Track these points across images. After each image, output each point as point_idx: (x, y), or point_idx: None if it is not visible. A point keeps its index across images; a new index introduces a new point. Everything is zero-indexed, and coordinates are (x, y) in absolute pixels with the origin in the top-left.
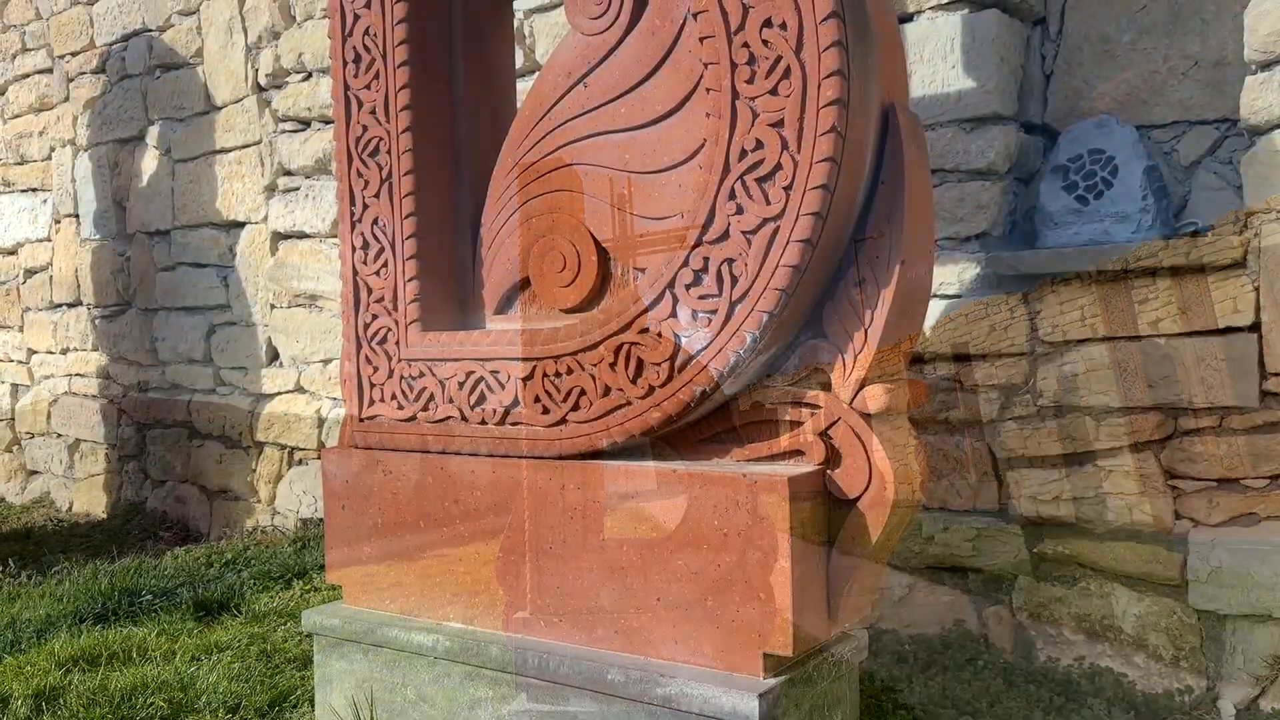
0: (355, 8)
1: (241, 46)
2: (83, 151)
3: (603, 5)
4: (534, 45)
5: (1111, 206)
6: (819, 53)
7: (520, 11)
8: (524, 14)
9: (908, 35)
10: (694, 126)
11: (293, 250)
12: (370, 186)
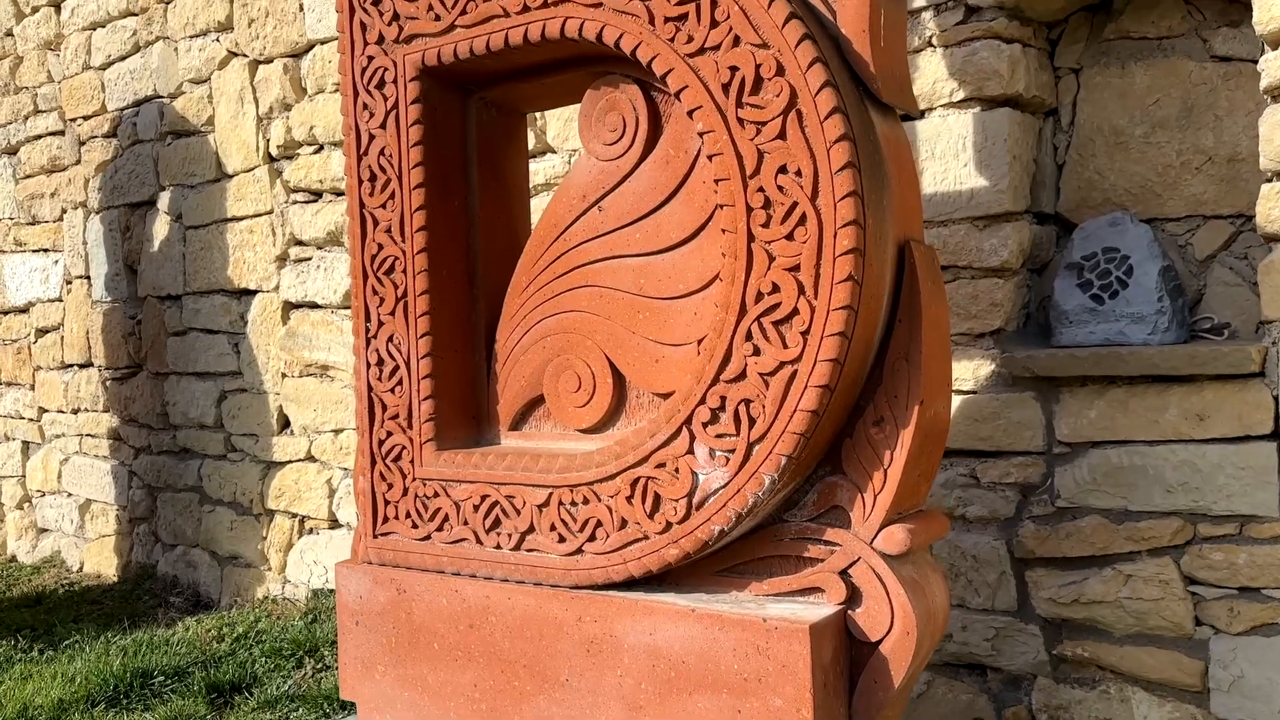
0: (370, 127)
1: (253, 117)
2: (94, 214)
3: (617, 132)
4: (545, 127)
5: (1127, 307)
6: (834, 201)
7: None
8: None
9: (919, 132)
10: (708, 256)
11: (304, 320)
12: (386, 304)
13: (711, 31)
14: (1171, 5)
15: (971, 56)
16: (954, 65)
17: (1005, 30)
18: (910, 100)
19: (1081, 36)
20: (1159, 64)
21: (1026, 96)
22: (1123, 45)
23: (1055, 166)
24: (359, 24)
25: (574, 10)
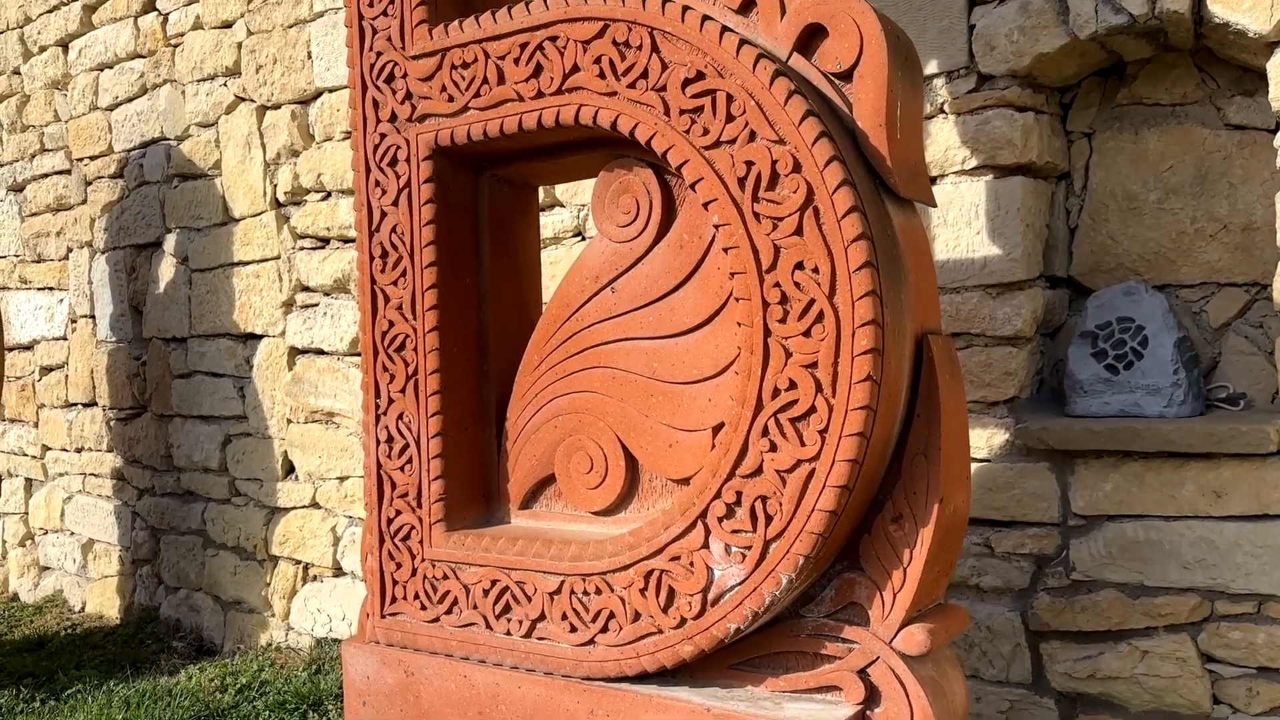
0: (382, 204)
1: (260, 162)
2: (100, 254)
3: (631, 215)
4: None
5: (1142, 379)
6: (852, 300)
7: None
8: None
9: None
10: (723, 343)
11: (310, 366)
12: (396, 381)
13: (727, 125)
14: (1185, 73)
15: (984, 125)
16: (966, 133)
17: (1018, 99)
18: (927, 192)
19: (1094, 101)
20: (1173, 130)
21: (1039, 164)
22: (1136, 110)
23: (1068, 230)
24: (371, 101)
25: (588, 98)
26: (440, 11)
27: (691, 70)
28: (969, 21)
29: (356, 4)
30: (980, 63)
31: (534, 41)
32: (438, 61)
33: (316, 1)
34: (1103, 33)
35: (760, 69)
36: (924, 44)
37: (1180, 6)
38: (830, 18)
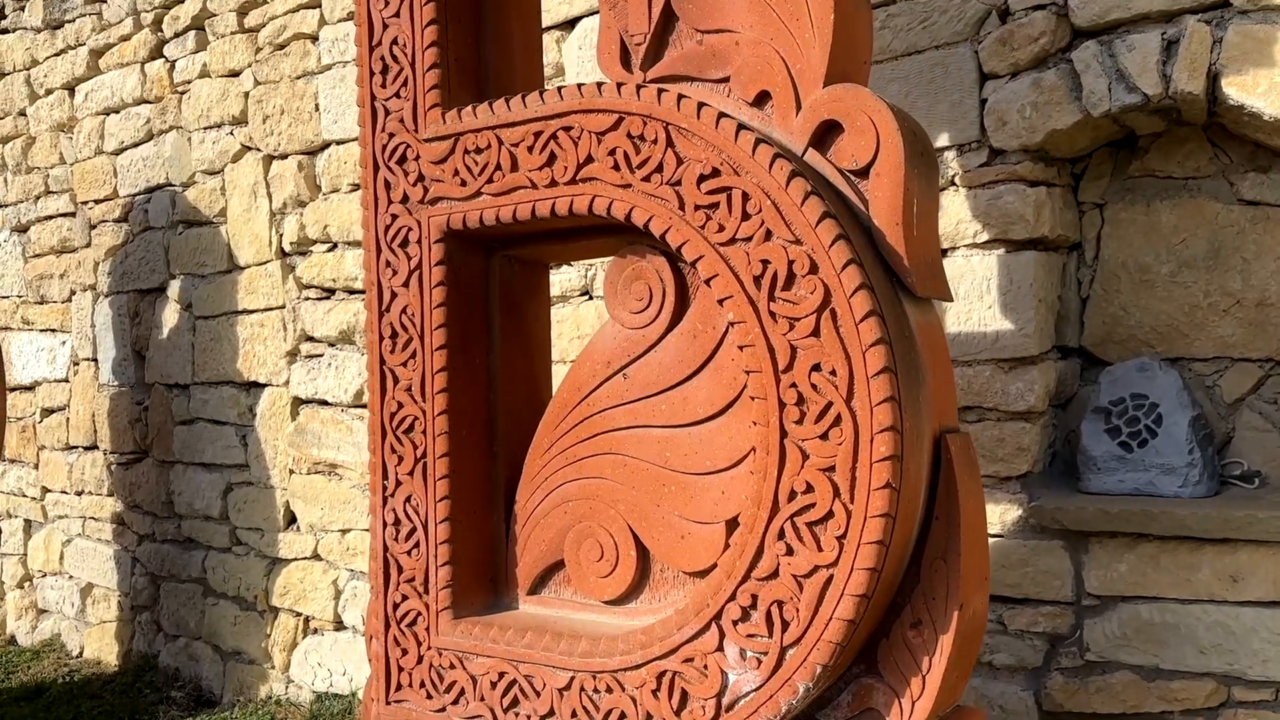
0: (393, 285)
1: (266, 211)
2: (103, 298)
3: (643, 301)
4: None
5: (1157, 457)
6: (871, 406)
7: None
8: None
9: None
10: (736, 435)
11: (314, 417)
12: (404, 464)
13: (743, 223)
14: (1197, 147)
15: (996, 200)
16: (978, 207)
17: (1030, 173)
18: (944, 288)
19: (1105, 172)
20: (1185, 203)
21: (1051, 237)
22: (1148, 183)
23: (1079, 300)
24: (383, 182)
25: (602, 189)
26: (454, 95)
27: (707, 166)
28: (980, 96)
29: (370, 85)
30: (992, 137)
31: (548, 131)
32: (451, 145)
33: (324, 54)
34: (1116, 111)
35: (777, 169)
36: (935, 116)
37: (1195, 88)
38: (846, 115)
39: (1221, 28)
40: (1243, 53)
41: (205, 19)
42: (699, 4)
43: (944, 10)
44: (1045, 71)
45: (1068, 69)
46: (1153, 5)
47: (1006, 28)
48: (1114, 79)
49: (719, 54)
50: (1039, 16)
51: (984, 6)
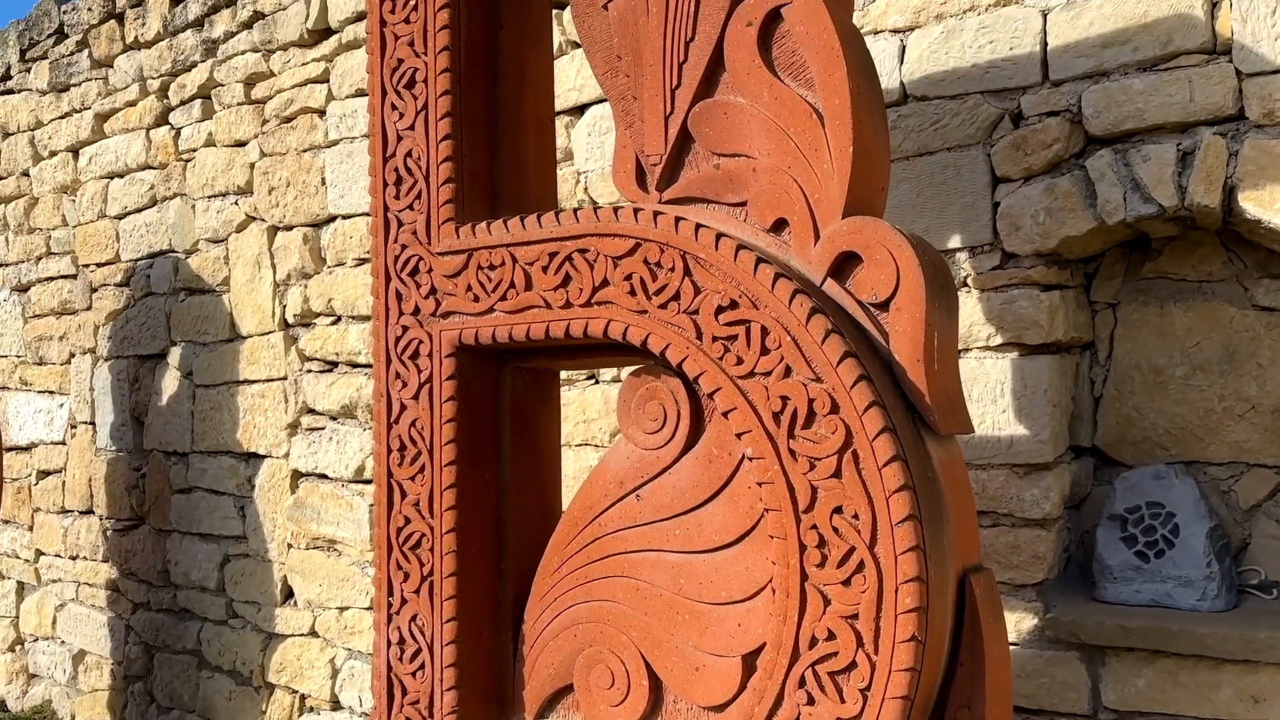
0: (402, 397)
1: (270, 282)
2: (103, 362)
3: (657, 422)
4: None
5: (1174, 569)
6: (895, 555)
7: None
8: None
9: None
10: (753, 566)
11: (314, 491)
12: (410, 581)
13: (762, 358)
14: (1211, 251)
15: (1009, 304)
16: (991, 310)
17: (1044, 277)
18: (966, 422)
19: (1118, 272)
20: (1199, 307)
21: (1065, 341)
22: (1161, 284)
23: (1092, 399)
24: (395, 293)
25: (617, 313)
26: (468, 209)
27: (725, 298)
28: (993, 199)
29: (383, 195)
30: (1005, 241)
31: (563, 252)
32: (464, 260)
33: (331, 130)
34: (1131, 220)
35: (797, 305)
36: (947, 217)
37: (1211, 202)
38: (865, 247)
39: (1237, 141)
40: (1259, 167)
41: (212, 88)
42: (716, 128)
43: (956, 113)
44: (1059, 178)
45: (1082, 175)
46: (1167, 116)
47: (1019, 133)
48: (1129, 188)
49: (736, 179)
50: (1053, 123)
51: (996, 111)
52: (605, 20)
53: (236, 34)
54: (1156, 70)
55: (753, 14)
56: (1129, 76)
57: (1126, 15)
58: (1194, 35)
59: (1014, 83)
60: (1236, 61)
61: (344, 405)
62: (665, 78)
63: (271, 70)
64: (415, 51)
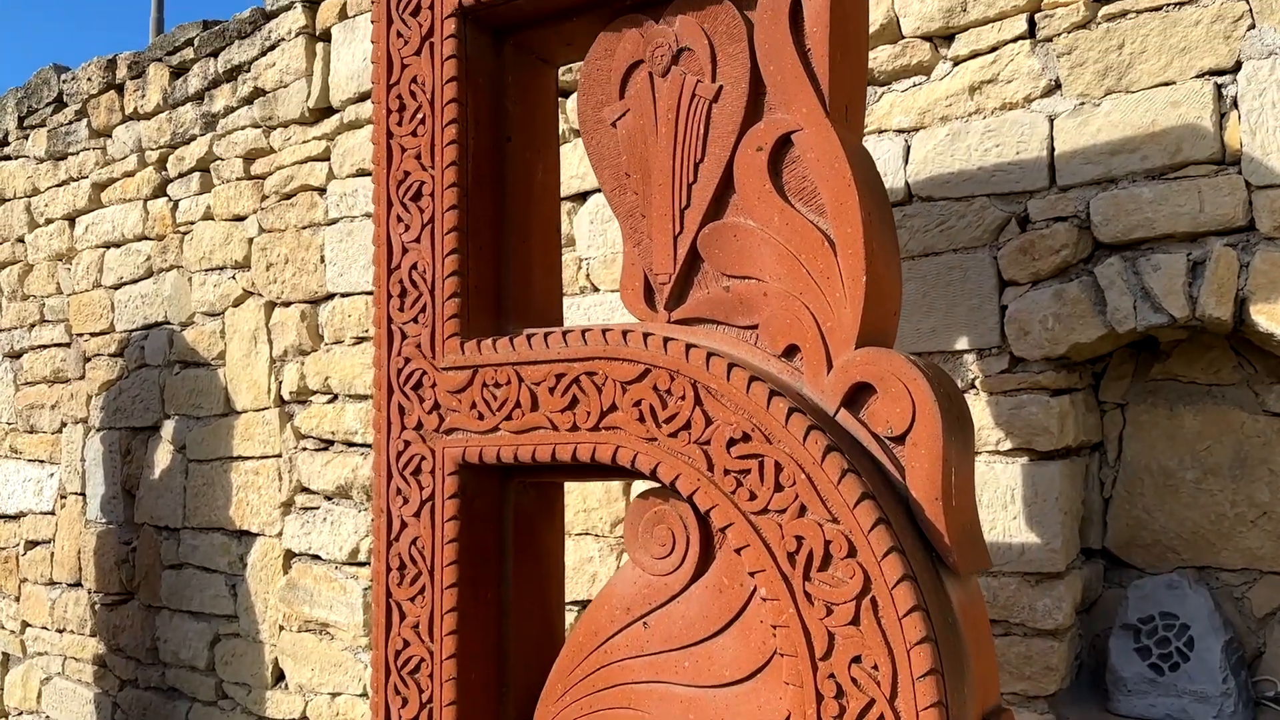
0: (403, 514)
1: (266, 358)
2: (95, 432)
3: (666, 547)
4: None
5: (1190, 683)
6: (917, 710)
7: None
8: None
9: None
10: (766, 705)
11: (306, 572)
12: (409, 707)
13: (776, 495)
14: (1221, 354)
15: (1019, 410)
16: (1000, 414)
17: (1053, 382)
18: (984, 557)
19: (1126, 373)
20: (1209, 410)
21: (1075, 445)
22: (1171, 386)
23: (1102, 501)
24: (397, 406)
25: (626, 439)
26: (473, 322)
27: (737, 430)
28: (1000, 301)
29: (387, 307)
30: (1013, 345)
31: (571, 374)
32: (469, 377)
33: (331, 208)
34: (1142, 329)
35: (811, 442)
36: (954, 319)
37: (1223, 314)
38: (879, 379)
39: (1248, 252)
40: (1271, 281)
41: (211, 162)
42: (726, 250)
43: (962, 215)
44: (1068, 283)
45: (1090, 281)
46: (1177, 226)
47: (1027, 236)
48: (1139, 297)
49: (746, 301)
50: (1060, 228)
51: (1003, 214)
52: (613, 137)
53: (236, 109)
54: (1165, 179)
55: (763, 139)
56: (1138, 185)
57: (1135, 124)
58: (1203, 146)
59: (1021, 187)
60: (1246, 173)
61: (339, 485)
62: (674, 197)
63: (272, 146)
64: (422, 165)
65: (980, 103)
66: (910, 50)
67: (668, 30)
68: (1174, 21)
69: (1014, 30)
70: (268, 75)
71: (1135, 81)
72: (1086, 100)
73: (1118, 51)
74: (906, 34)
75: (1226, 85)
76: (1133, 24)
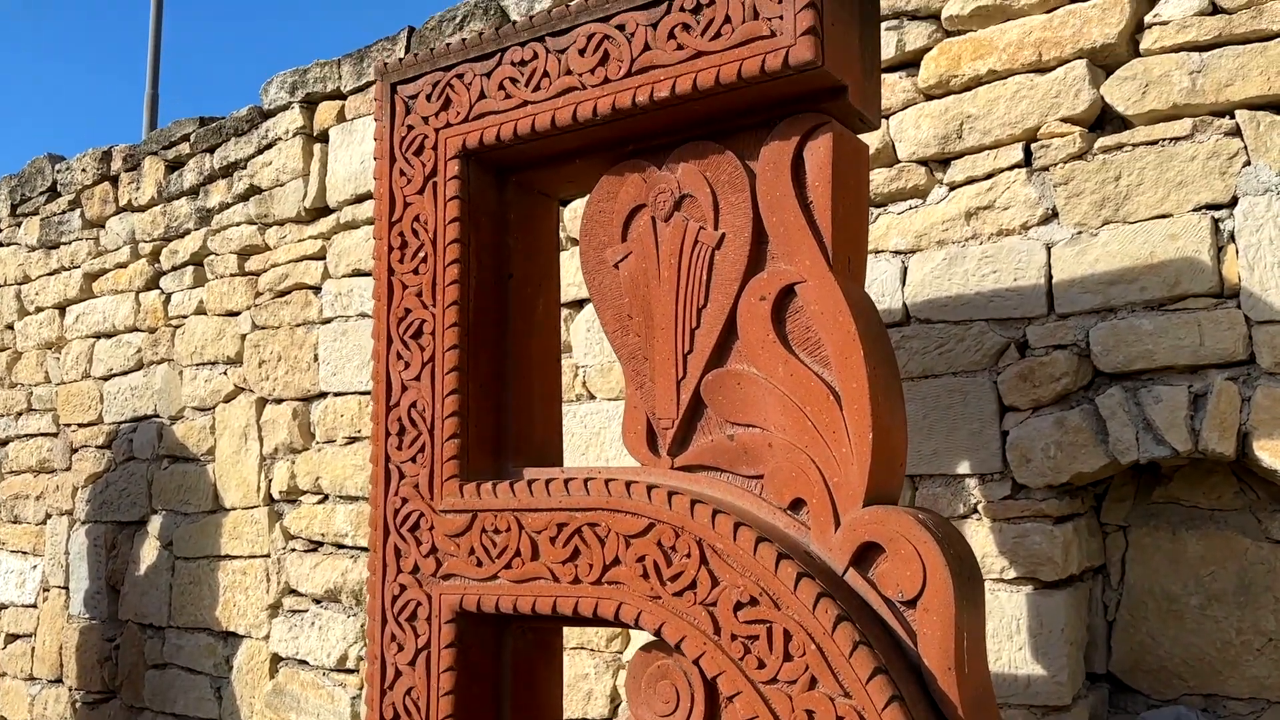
0: (398, 661)
1: (256, 455)
2: (80, 525)
3: (670, 704)
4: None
5: None
6: None
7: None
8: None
9: None
10: None
11: (294, 678)
12: None
13: (785, 665)
14: (1223, 480)
15: (1023, 539)
16: (1004, 542)
17: (1056, 510)
18: (994, 719)
19: (1128, 495)
20: (1212, 535)
21: (1079, 572)
22: (1173, 510)
23: (1105, 624)
24: (393, 548)
25: (629, 596)
26: (472, 464)
27: (744, 594)
28: (1000, 426)
29: (384, 445)
30: (1016, 472)
31: (573, 525)
32: (468, 521)
33: (326, 308)
34: (1145, 461)
35: (821, 610)
36: (954, 442)
37: (1226, 449)
38: (888, 540)
39: (1249, 387)
40: (1273, 416)
41: (204, 256)
42: (729, 398)
43: (960, 339)
44: (1069, 411)
45: (1091, 410)
46: (1177, 358)
47: (1026, 363)
48: (1141, 428)
49: (750, 451)
50: (1060, 356)
51: (1002, 339)
52: (615, 279)
53: (232, 205)
54: (1165, 310)
55: (766, 289)
56: (1137, 315)
57: (1133, 255)
58: (1202, 279)
59: (1019, 313)
60: (1245, 308)
61: (328, 589)
62: (677, 342)
63: (267, 244)
64: (423, 302)
65: (977, 228)
66: (906, 174)
67: (670, 177)
68: (1170, 156)
69: (1010, 158)
70: (264, 173)
71: (1133, 213)
72: (1084, 230)
73: (1115, 183)
74: (902, 158)
75: (1224, 220)
76: (1129, 157)
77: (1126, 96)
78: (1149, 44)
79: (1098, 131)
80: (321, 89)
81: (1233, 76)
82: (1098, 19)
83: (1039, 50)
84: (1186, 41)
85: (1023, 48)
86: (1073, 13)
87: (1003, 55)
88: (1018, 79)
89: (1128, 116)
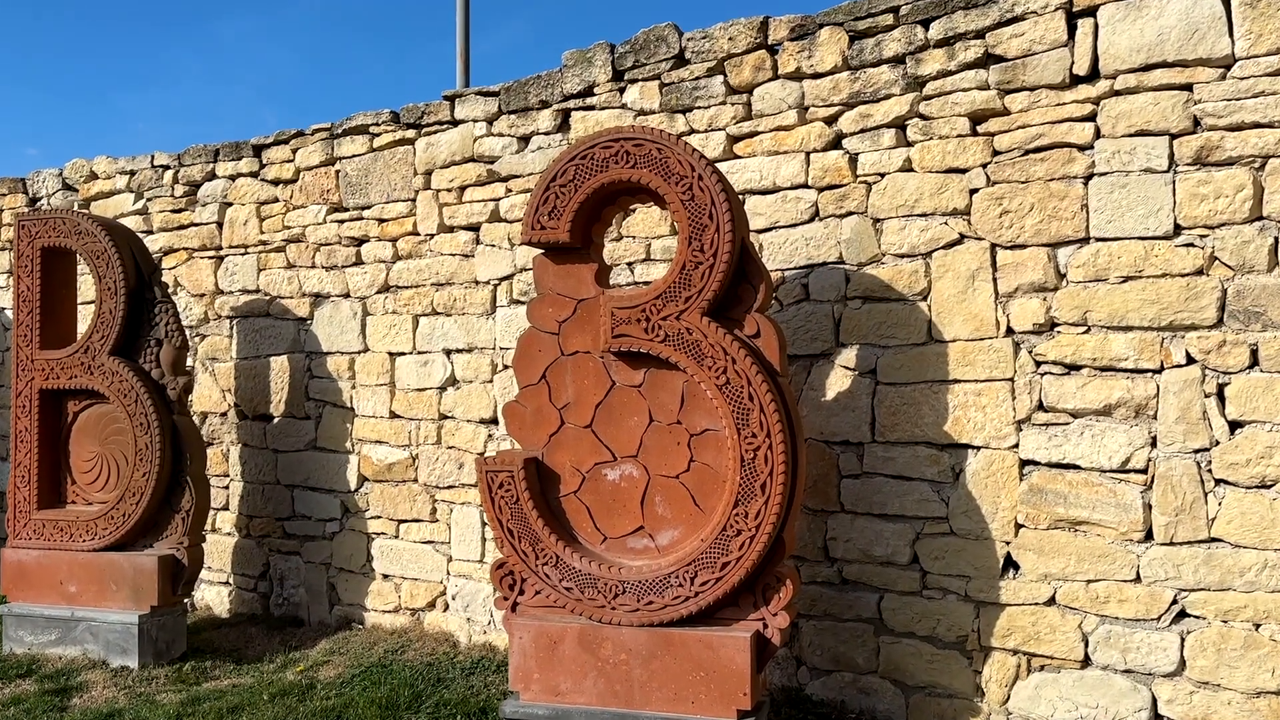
0: None
1: (989, 294)
2: None
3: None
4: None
5: None
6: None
7: None
8: None
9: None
10: None
11: (1057, 479)
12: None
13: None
14: None
15: None
16: None
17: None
18: None
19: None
20: None
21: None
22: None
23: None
24: None
25: None
26: None
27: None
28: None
29: None
30: None
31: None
32: None
33: (1100, 163)
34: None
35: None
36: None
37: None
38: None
39: None
40: None
41: (909, 119)
42: None
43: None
44: None
45: None
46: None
47: None
48: None
49: None
50: None
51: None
52: None
53: (956, 72)
54: None
55: None
56: None
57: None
58: None
59: None
60: None
61: (1098, 405)
62: None
63: (1007, 108)
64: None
65: None
66: None
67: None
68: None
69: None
70: (1011, 44)
71: None
72: None
73: None
74: None
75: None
76: None
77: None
78: None
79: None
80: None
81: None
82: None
83: None
84: None
85: None
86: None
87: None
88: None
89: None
